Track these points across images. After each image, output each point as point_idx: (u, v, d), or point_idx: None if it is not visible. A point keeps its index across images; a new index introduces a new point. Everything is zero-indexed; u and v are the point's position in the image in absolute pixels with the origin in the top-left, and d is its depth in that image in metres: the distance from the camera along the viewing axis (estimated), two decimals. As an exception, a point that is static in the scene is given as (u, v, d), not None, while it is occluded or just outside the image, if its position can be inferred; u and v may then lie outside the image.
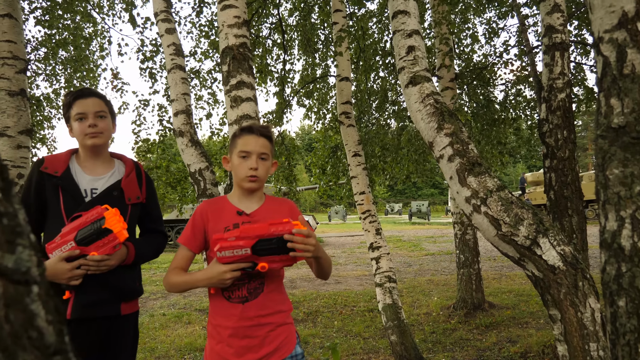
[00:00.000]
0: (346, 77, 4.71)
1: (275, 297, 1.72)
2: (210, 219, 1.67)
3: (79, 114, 1.83)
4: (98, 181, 1.87)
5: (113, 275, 1.78)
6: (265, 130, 1.73)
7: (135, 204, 1.93)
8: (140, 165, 2.04)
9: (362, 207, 4.43)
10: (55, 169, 1.80)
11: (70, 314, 1.72)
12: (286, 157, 6.58)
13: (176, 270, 1.62)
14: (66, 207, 1.77)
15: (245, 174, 1.65)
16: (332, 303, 6.87)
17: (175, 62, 3.24)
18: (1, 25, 3.58)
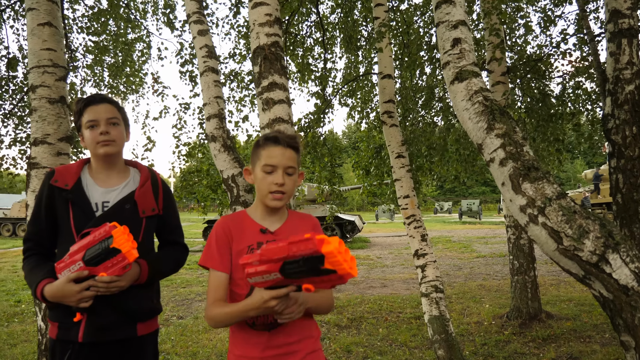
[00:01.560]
0: (388, 75, 4.48)
1: (304, 322, 1.56)
2: (234, 237, 1.52)
3: (90, 122, 1.72)
4: (110, 193, 1.75)
5: (126, 296, 1.66)
6: (292, 141, 1.54)
7: (151, 216, 1.80)
8: (157, 173, 1.92)
9: (407, 212, 4.19)
10: (65, 181, 1.70)
11: (82, 337, 1.62)
12: (329, 158, 6.41)
13: (217, 303, 1.44)
14: (76, 222, 1.67)
15: (270, 190, 1.49)
16: (377, 308, 6.65)
17: (208, 65, 3.14)
18: (42, 34, 3.61)
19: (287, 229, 1.58)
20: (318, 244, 1.11)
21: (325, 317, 6.19)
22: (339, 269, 1.10)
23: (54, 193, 1.69)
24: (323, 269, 1.12)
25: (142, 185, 1.79)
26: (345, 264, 1.10)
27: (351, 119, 7.09)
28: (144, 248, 1.77)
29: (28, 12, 3.65)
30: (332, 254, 1.09)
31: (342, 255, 1.11)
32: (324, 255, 1.11)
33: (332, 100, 5.89)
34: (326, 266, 1.11)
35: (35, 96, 3.56)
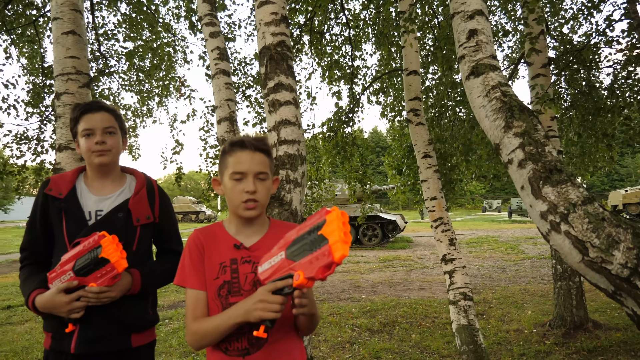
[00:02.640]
0: (414, 71, 4.28)
1: (283, 347, 1.41)
2: (206, 252, 1.41)
3: (86, 130, 1.69)
4: (104, 201, 1.72)
5: (119, 306, 1.63)
6: (260, 144, 1.42)
7: (146, 224, 1.75)
8: (153, 180, 1.87)
9: (434, 214, 3.98)
10: (59, 190, 1.68)
11: (75, 348, 1.59)
12: (360, 159, 6.26)
13: (198, 320, 1.34)
14: (69, 231, 1.64)
15: (241, 199, 1.37)
16: (412, 313, 6.43)
17: (219, 67, 3.08)
18: (65, 42, 3.67)
19: (265, 243, 1.43)
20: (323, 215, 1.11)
21: (357, 321, 6.05)
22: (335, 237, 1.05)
23: (48, 202, 1.68)
24: (325, 244, 1.07)
25: (136, 193, 1.75)
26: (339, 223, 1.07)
27: (384, 117, 6.89)
28: (139, 257, 1.74)
29: (53, 21, 3.72)
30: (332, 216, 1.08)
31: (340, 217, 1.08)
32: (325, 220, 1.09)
33: (361, 99, 5.74)
34: (324, 235, 1.07)
35: (59, 103, 3.63)
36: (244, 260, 1.40)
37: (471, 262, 11.05)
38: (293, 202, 2.47)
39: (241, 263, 1.40)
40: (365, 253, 14.17)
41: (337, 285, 8.83)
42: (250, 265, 1.40)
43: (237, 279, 1.38)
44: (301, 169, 2.52)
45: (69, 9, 3.71)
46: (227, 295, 1.38)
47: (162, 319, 6.49)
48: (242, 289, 1.38)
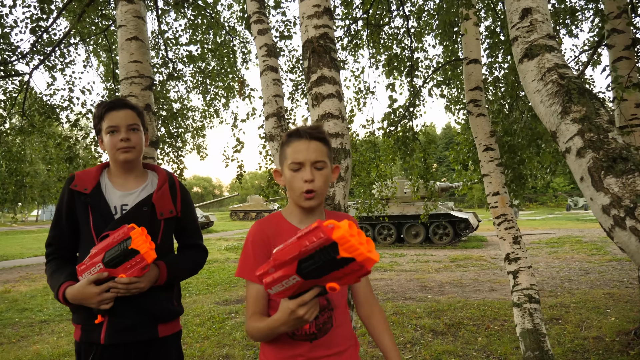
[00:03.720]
0: (474, 60, 4.05)
1: (345, 332, 1.46)
2: (271, 243, 1.40)
3: (111, 127, 1.74)
4: (129, 196, 1.77)
5: (147, 298, 1.68)
6: (316, 132, 1.41)
7: (169, 218, 1.80)
8: (174, 176, 1.90)
9: (496, 211, 3.74)
10: (84, 185, 1.74)
11: (104, 339, 1.64)
12: (422, 154, 6.06)
13: (255, 317, 1.35)
14: (95, 225, 1.69)
15: (301, 189, 1.36)
16: (480, 315, 6.12)
17: (267, 64, 3.10)
18: (129, 48, 3.86)
19: None
20: (327, 230, 0.98)
21: (420, 321, 5.87)
22: (356, 255, 0.98)
23: (74, 197, 1.74)
24: (340, 259, 1.00)
25: (159, 188, 1.79)
26: (361, 247, 0.98)
27: (448, 111, 6.62)
28: (163, 250, 1.78)
29: (119, 29, 3.94)
30: (344, 239, 0.97)
31: (355, 237, 0.98)
32: (336, 243, 0.98)
33: (422, 92, 5.55)
34: (342, 254, 0.99)
35: (124, 106, 3.85)
36: None
37: (550, 263, 10.35)
38: (336, 196, 2.42)
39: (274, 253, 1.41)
40: (435, 252, 13.76)
41: (403, 285, 8.64)
42: None
43: None
44: (344, 163, 2.47)
45: (132, 16, 3.91)
46: None
47: (229, 312, 6.71)
48: None
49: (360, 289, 1.55)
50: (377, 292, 7.94)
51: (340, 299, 1.45)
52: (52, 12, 5.13)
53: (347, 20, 5.66)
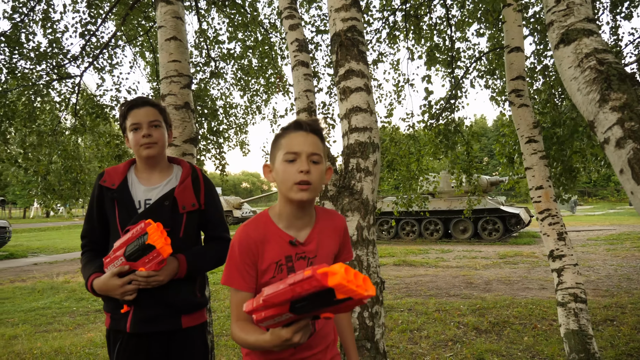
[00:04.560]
0: (517, 47, 3.86)
1: (326, 331, 1.47)
2: (258, 251, 1.36)
3: (134, 125, 1.80)
4: (153, 191, 1.82)
5: (169, 289, 1.73)
6: (315, 125, 1.38)
7: (192, 211, 1.83)
8: (198, 169, 1.94)
9: (540, 206, 3.57)
10: (112, 181, 1.81)
11: (130, 327, 1.72)
12: (465, 147, 5.88)
13: (241, 324, 1.32)
14: (121, 220, 1.76)
15: (294, 180, 1.31)
16: (527, 313, 5.89)
17: (299, 59, 3.10)
18: (168, 48, 3.96)
19: (315, 236, 1.43)
20: (322, 279, 0.96)
21: (463, 319, 5.73)
22: (354, 295, 0.96)
23: (103, 193, 1.82)
24: (336, 300, 0.99)
25: (181, 182, 1.83)
26: (359, 289, 0.96)
27: (494, 102, 6.38)
28: (186, 243, 1.82)
29: (158, 29, 4.05)
30: (341, 286, 0.95)
31: (352, 282, 0.96)
32: (333, 289, 0.96)
33: (463, 83, 5.36)
34: (338, 297, 0.97)
35: (164, 104, 3.95)
36: (298, 257, 1.39)
37: (607, 261, 9.79)
38: (364, 191, 2.39)
39: (296, 260, 1.38)
40: (484, 248, 13.36)
41: (448, 281, 8.45)
42: (306, 261, 1.40)
43: None
44: (373, 157, 2.43)
45: (170, 17, 4.02)
46: None
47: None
48: None
49: None
50: (420, 289, 7.82)
51: None
52: (100, 16, 5.37)
53: (385, 12, 5.57)
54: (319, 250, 1.42)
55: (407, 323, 5.64)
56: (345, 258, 1.55)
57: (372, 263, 2.36)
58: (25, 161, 4.88)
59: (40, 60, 5.09)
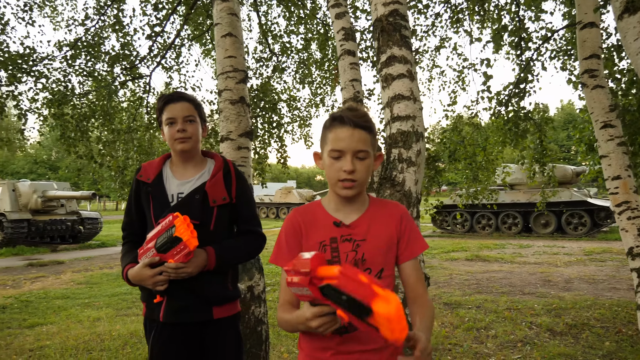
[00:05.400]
0: (590, 23, 3.48)
1: None
2: (304, 233, 1.41)
3: (169, 119, 1.83)
4: (185, 185, 1.85)
5: (199, 281, 1.75)
6: (361, 120, 1.33)
7: (222, 205, 1.84)
8: (230, 163, 1.94)
9: (617, 198, 3.21)
10: (148, 175, 1.86)
11: (163, 317, 1.77)
12: (538, 134, 5.47)
13: (284, 307, 1.37)
14: (155, 213, 1.81)
15: (338, 177, 1.33)
16: (611, 316, 5.37)
17: (345, 48, 3.03)
18: (224, 44, 4.05)
19: (365, 221, 1.40)
20: (370, 297, 0.95)
21: (537, 319, 5.35)
22: (383, 332, 0.94)
23: (139, 186, 1.88)
24: (366, 320, 0.97)
25: (213, 176, 1.85)
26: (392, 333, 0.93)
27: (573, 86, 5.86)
28: (217, 236, 1.83)
29: (215, 27, 4.16)
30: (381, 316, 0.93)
31: (392, 323, 0.93)
32: (372, 311, 0.94)
33: (534, 66, 4.96)
34: (370, 322, 0.96)
35: (221, 99, 4.06)
36: (344, 239, 1.38)
37: None
38: (406, 182, 2.28)
39: (341, 241, 1.38)
40: (568, 244, 12.43)
41: (523, 278, 7.96)
42: (351, 243, 1.38)
43: (338, 258, 1.37)
44: (416, 147, 2.31)
45: (226, 13, 4.10)
46: None
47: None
48: None
49: (411, 279, 1.42)
50: (491, 285, 7.43)
51: None
52: (168, 18, 5.63)
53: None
54: (368, 234, 1.39)
55: (474, 321, 5.38)
56: (414, 250, 1.43)
57: (415, 258, 2.25)
58: (100, 157, 5.27)
59: (114, 63, 5.43)
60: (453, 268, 9.12)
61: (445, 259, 10.48)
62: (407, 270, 1.43)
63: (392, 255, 1.43)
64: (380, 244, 1.40)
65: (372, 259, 1.38)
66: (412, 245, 1.44)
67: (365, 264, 1.37)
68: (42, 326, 5.48)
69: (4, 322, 5.67)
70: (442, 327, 5.16)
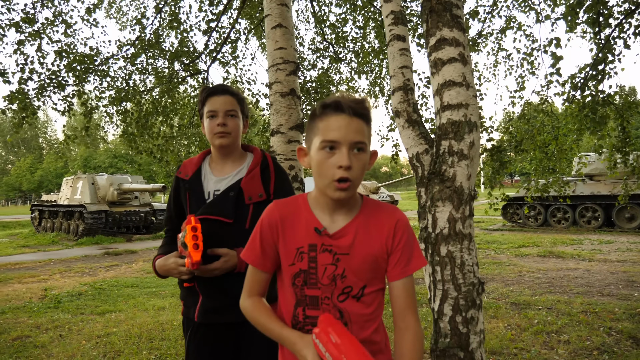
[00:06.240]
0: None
1: (368, 338, 1.22)
2: (280, 233, 1.25)
3: (210, 112, 1.79)
4: (222, 181, 1.80)
5: (232, 281, 1.70)
6: (360, 107, 1.15)
7: (259, 202, 1.75)
8: (269, 158, 1.85)
9: None
10: (186, 172, 1.84)
11: (197, 317, 1.74)
12: (620, 121, 4.93)
13: (254, 302, 1.29)
14: (191, 210, 1.78)
15: (332, 177, 1.13)
16: None
17: (394, 33, 2.83)
18: (274, 36, 3.99)
19: (352, 230, 1.21)
20: None
21: (617, 324, 4.86)
22: None
23: (179, 183, 1.86)
24: None
25: (249, 171, 1.78)
26: None
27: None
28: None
29: (265, 18, 4.10)
30: None
31: None
32: None
33: (616, 44, 4.42)
34: None
35: (271, 92, 4.00)
36: (324, 249, 1.21)
37: None
38: (457, 177, 2.08)
39: (321, 251, 1.21)
40: (657, 240, 11.32)
41: (602, 278, 7.31)
42: (332, 255, 1.20)
43: (315, 270, 1.21)
44: (469, 138, 2.09)
45: (276, 4, 4.02)
46: (302, 285, 1.23)
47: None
48: (319, 282, 1.21)
49: (398, 302, 1.22)
50: (566, 285, 6.88)
51: (358, 316, 1.21)
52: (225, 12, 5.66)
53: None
54: (353, 247, 1.20)
55: (544, 324, 4.98)
56: (406, 269, 1.22)
57: (467, 260, 2.05)
58: (160, 152, 5.44)
59: (174, 59, 5.56)
60: (523, 265, 8.57)
61: (515, 254, 9.89)
62: (395, 290, 1.22)
63: (381, 270, 1.23)
64: (365, 259, 1.20)
65: (353, 276, 1.20)
66: (404, 262, 1.22)
67: (345, 280, 1.20)
68: (111, 313, 5.79)
69: (78, 308, 6.05)
70: (508, 329, 4.82)
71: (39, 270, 9.14)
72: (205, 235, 1.64)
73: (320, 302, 1.20)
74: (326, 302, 1.20)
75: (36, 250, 12.59)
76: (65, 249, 12.77)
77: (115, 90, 5.30)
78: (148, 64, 5.31)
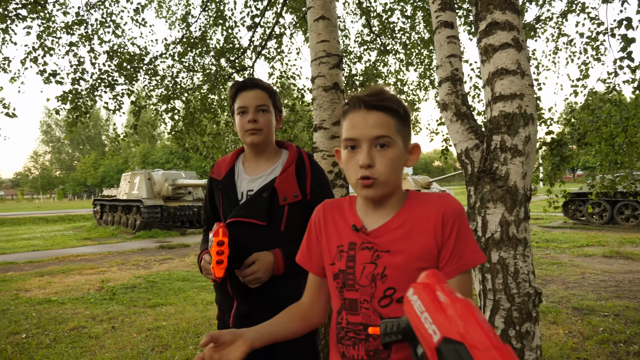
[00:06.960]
0: None
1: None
2: (323, 232, 1.21)
3: (241, 108, 1.71)
4: (256, 181, 1.71)
5: (269, 286, 1.63)
6: (374, 99, 1.05)
7: (294, 203, 1.65)
8: (305, 155, 1.74)
9: None
10: (219, 172, 1.78)
11: (232, 322, 1.68)
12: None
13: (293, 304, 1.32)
14: (224, 211, 1.72)
15: (355, 176, 1.06)
16: None
17: (441, 19, 2.63)
18: (317, 28, 3.88)
19: (393, 226, 1.09)
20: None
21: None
22: None
23: (212, 184, 1.81)
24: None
25: (283, 170, 1.69)
26: None
27: None
28: (289, 237, 1.68)
29: (308, 10, 4.00)
30: None
31: None
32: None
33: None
34: None
35: (314, 86, 3.89)
36: (363, 246, 1.11)
37: None
38: (510, 176, 1.88)
39: (360, 249, 1.12)
40: None
41: (677, 282, 6.69)
42: (371, 253, 1.10)
43: (353, 269, 1.11)
44: (524, 132, 1.89)
45: (319, -5, 3.90)
46: (341, 288, 1.14)
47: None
48: (357, 283, 1.11)
49: None
50: (635, 289, 6.34)
51: None
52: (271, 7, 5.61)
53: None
54: (394, 244, 1.08)
55: (611, 332, 4.59)
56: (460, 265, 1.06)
57: (522, 268, 1.84)
58: (206, 149, 5.48)
59: (220, 56, 5.57)
60: (586, 266, 8.01)
61: (578, 254, 9.27)
62: None
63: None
64: (410, 256, 1.06)
65: (396, 277, 1.06)
66: (457, 258, 1.06)
67: (386, 281, 1.06)
68: (162, 307, 5.93)
69: (132, 301, 6.25)
70: (569, 337, 4.48)
71: (98, 263, 9.58)
72: (236, 241, 1.56)
73: (359, 306, 1.11)
74: (365, 306, 1.09)
75: (97, 243, 13.23)
76: (123, 242, 13.34)
77: (163, 88, 5.39)
78: (195, 62, 5.36)
